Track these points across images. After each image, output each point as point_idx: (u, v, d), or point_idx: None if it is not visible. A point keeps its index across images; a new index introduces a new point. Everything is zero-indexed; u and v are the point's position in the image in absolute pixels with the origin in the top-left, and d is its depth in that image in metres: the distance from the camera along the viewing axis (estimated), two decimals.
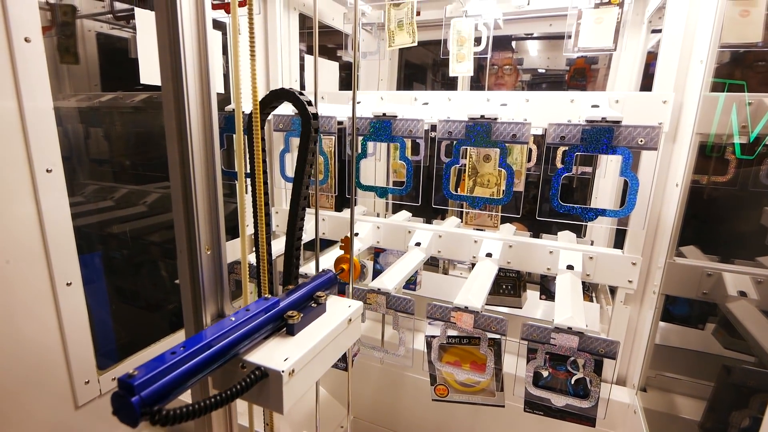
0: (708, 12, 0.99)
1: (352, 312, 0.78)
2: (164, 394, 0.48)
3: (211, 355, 0.55)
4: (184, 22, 0.61)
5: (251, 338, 0.62)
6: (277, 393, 0.59)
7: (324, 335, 0.69)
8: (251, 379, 0.57)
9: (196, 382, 0.54)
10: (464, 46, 1.53)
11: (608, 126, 0.77)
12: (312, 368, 0.67)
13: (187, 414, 0.49)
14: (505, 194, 0.88)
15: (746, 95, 1.03)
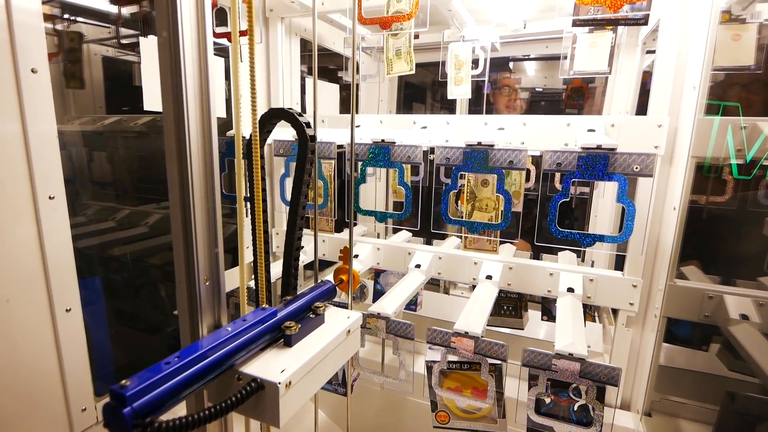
0: (699, 37, 1.01)
1: (351, 323, 0.76)
2: (157, 406, 0.47)
3: (206, 366, 0.54)
4: (186, 49, 0.62)
5: (248, 349, 0.61)
6: (274, 406, 0.58)
7: (322, 347, 0.68)
8: (247, 391, 0.56)
9: (191, 393, 0.52)
10: (462, 70, 1.56)
11: (603, 153, 0.77)
12: (310, 380, 0.65)
13: (180, 427, 0.48)
14: (503, 219, 0.88)
15: (741, 119, 1.04)
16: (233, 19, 0.72)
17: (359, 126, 1.35)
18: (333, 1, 1.38)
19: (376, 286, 1.93)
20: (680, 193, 0.99)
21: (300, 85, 1.71)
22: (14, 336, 0.92)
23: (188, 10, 0.61)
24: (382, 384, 1.16)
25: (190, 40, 0.63)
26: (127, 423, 0.44)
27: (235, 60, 0.75)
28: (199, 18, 0.63)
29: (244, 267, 0.75)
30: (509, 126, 1.18)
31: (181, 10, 0.60)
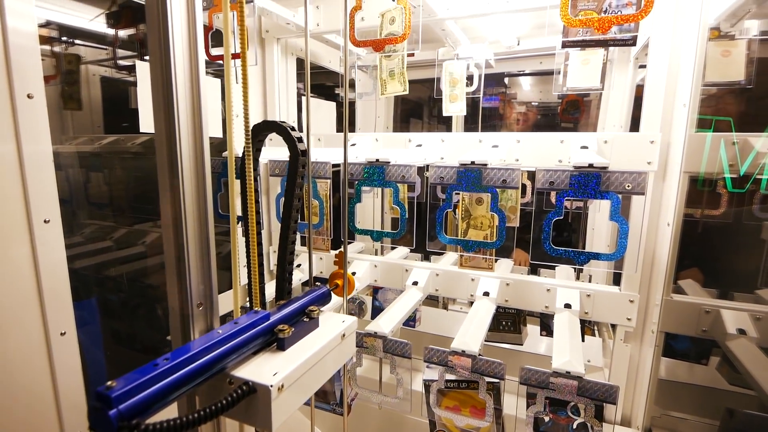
0: (689, 54, 1.02)
1: (345, 327, 0.75)
2: (144, 408, 0.46)
3: (196, 369, 0.53)
4: (177, 73, 0.63)
5: (239, 352, 0.60)
6: (266, 410, 0.56)
7: (316, 350, 0.67)
8: (238, 394, 0.54)
9: (180, 396, 0.51)
10: (456, 87, 1.58)
11: (596, 171, 0.78)
12: (303, 384, 0.64)
13: (168, 429, 0.46)
14: (498, 238, 0.88)
15: (733, 135, 1.05)
16: (225, 43, 0.73)
17: (355, 144, 1.36)
18: (328, 23, 1.40)
19: (374, 302, 1.92)
20: (674, 208, 1.00)
21: (296, 103, 1.73)
22: (8, 360, 0.91)
23: (180, 35, 0.62)
24: (380, 403, 1.15)
25: (182, 63, 0.64)
26: (112, 425, 0.42)
27: (228, 82, 0.76)
28: (191, 42, 0.64)
29: (238, 288, 0.75)
30: (503, 143, 1.19)
31: (172, 34, 0.61)
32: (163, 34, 0.61)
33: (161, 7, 0.59)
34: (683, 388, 1.48)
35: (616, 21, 0.75)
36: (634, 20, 0.74)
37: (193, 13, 0.63)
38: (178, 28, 0.61)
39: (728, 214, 1.43)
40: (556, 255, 0.86)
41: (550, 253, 0.85)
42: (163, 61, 0.62)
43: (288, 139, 0.77)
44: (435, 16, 1.25)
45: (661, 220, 1.07)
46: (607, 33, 0.76)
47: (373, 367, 1.47)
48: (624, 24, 0.75)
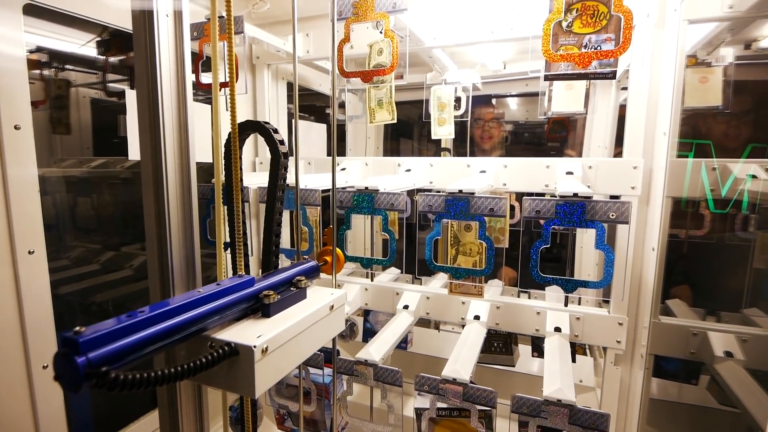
0: (667, 83, 1.05)
1: (334, 298, 0.73)
2: (114, 360, 0.42)
3: (174, 325, 0.49)
4: (165, 101, 0.63)
5: (221, 315, 0.57)
6: (248, 372, 0.53)
7: (304, 316, 0.64)
8: (219, 353, 0.51)
9: (155, 353, 0.48)
10: (445, 111, 1.60)
11: (580, 201, 0.80)
12: (289, 352, 0.61)
13: (140, 381, 0.42)
14: (486, 265, 0.89)
15: (714, 160, 1.08)
16: (214, 74, 0.73)
17: (345, 169, 1.37)
18: (318, 50, 1.43)
19: (365, 324, 1.91)
20: (658, 233, 1.02)
21: (287, 126, 1.74)
22: None
23: (167, 64, 0.62)
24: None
25: (169, 92, 0.63)
26: (79, 372, 0.39)
27: (215, 110, 0.77)
28: (179, 70, 0.64)
29: None
30: (490, 168, 1.21)
31: (159, 64, 0.61)
32: (151, 63, 0.61)
33: (149, 38, 0.59)
34: (674, 408, 1.48)
35: (596, 56, 0.77)
36: (612, 56, 0.76)
37: (181, 43, 0.64)
38: (165, 58, 0.62)
39: (712, 234, 1.46)
40: (544, 282, 0.87)
41: (538, 281, 0.86)
42: (150, 90, 0.62)
43: (270, 141, 0.77)
44: (422, 44, 1.27)
45: (646, 245, 1.08)
46: (587, 67, 0.78)
47: (364, 392, 1.45)
48: (604, 59, 0.77)
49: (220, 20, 0.74)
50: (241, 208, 0.81)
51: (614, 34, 0.79)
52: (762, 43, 1.43)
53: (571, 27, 0.81)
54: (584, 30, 0.80)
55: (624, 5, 0.75)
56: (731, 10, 0.98)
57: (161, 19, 0.54)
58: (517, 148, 2.88)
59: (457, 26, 1.24)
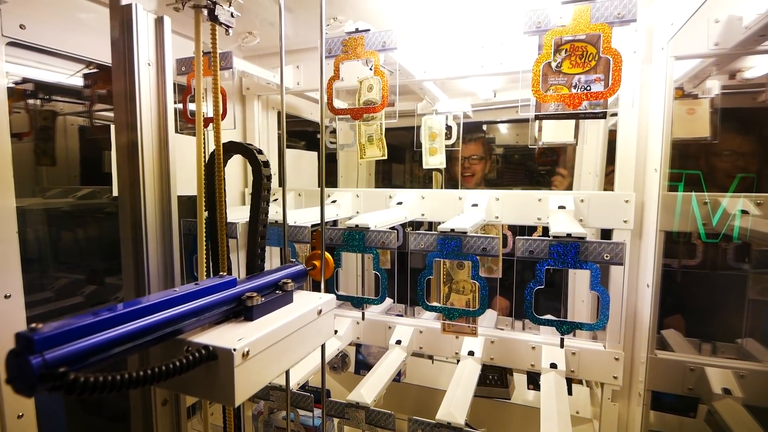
0: (657, 119, 1.06)
1: (323, 302, 0.69)
2: (74, 361, 0.38)
3: (144, 326, 0.45)
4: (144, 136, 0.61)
5: (199, 317, 0.52)
6: (227, 378, 0.49)
7: (289, 320, 0.60)
8: (195, 357, 0.47)
9: (122, 355, 0.44)
10: (436, 141, 1.60)
11: (574, 242, 0.78)
12: (272, 357, 0.57)
13: (103, 384, 0.37)
14: (480, 306, 0.87)
15: (705, 195, 1.08)
16: (198, 109, 0.71)
17: (335, 201, 1.36)
18: (308, 82, 1.42)
19: (357, 356, 1.87)
20: (652, 269, 1.01)
21: (278, 155, 1.73)
22: None
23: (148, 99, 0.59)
24: None
25: (149, 128, 0.61)
26: (33, 374, 0.34)
27: (199, 146, 0.75)
28: (160, 106, 0.62)
29: None
30: (482, 201, 1.20)
31: (139, 98, 0.58)
32: (131, 112, 0.59)
33: (129, 88, 0.57)
34: None
35: (586, 97, 0.77)
36: (602, 97, 0.76)
37: (164, 94, 0.62)
38: (146, 108, 0.60)
39: (705, 263, 1.45)
40: (539, 323, 0.85)
41: (534, 322, 0.84)
42: (130, 137, 0.61)
43: (253, 161, 0.75)
44: (412, 77, 1.28)
45: (640, 280, 1.07)
46: (578, 108, 0.78)
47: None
48: (594, 100, 0.77)
49: (208, 56, 0.73)
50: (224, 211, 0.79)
51: (603, 74, 0.79)
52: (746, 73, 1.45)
53: (561, 67, 0.81)
54: (573, 70, 0.80)
55: (612, 48, 0.75)
56: (717, 47, 0.99)
57: (142, 68, 0.53)
58: (507, 170, 2.88)
59: (447, 60, 1.25)
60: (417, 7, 1.16)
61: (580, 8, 0.77)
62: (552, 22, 0.79)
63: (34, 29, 0.92)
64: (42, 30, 0.94)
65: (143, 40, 0.52)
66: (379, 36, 0.91)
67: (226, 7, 0.60)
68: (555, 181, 2.26)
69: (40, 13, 0.93)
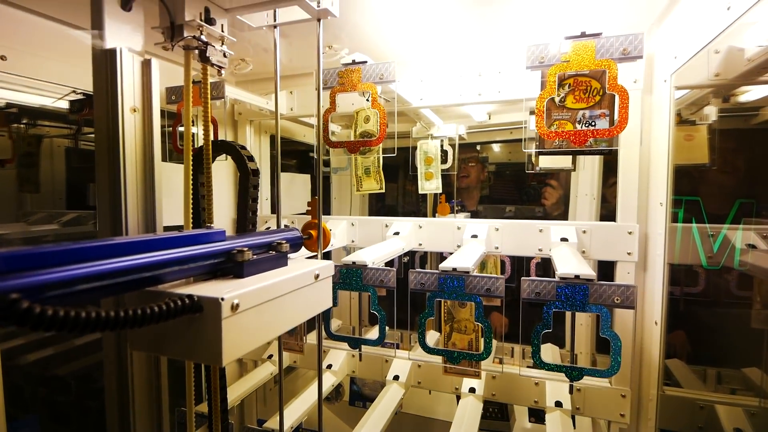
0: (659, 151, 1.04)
1: (320, 267, 0.64)
2: (30, 291, 0.33)
3: (117, 268, 0.39)
4: (128, 191, 0.56)
5: (181, 266, 0.47)
6: (214, 332, 0.43)
7: (284, 278, 0.54)
8: (177, 305, 0.41)
9: (90, 296, 0.38)
10: (432, 165, 1.58)
11: (582, 284, 0.75)
12: (265, 316, 0.51)
13: (63, 319, 0.32)
14: (485, 350, 0.83)
15: (707, 226, 1.06)
16: (186, 140, 0.67)
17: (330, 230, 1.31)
18: (302, 107, 1.39)
19: (352, 386, 1.81)
20: (660, 306, 0.97)
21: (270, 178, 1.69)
22: None
23: (131, 160, 0.55)
24: None
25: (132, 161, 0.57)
26: None
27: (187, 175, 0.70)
28: (146, 166, 0.58)
29: None
30: (482, 232, 1.16)
31: (124, 162, 0.54)
32: (113, 159, 0.55)
33: (112, 136, 0.53)
34: None
35: (592, 135, 0.74)
36: (610, 135, 0.74)
37: (150, 140, 0.58)
38: (130, 154, 0.56)
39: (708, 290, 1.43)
40: (548, 369, 0.81)
41: (541, 367, 0.80)
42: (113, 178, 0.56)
43: (238, 157, 0.71)
44: (409, 105, 1.25)
45: (646, 315, 1.04)
46: (583, 146, 0.75)
47: None
48: (600, 137, 0.74)
49: (198, 84, 0.69)
50: None
51: (608, 109, 0.77)
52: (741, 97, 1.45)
53: (564, 102, 0.79)
54: (577, 105, 0.78)
55: (619, 84, 0.73)
56: (717, 78, 0.98)
57: (126, 116, 0.49)
58: (499, 182, 2.86)
59: (444, 87, 1.23)
60: (413, 35, 1.14)
61: (584, 44, 0.75)
62: (555, 57, 0.77)
63: (15, 60, 0.88)
64: (24, 61, 0.90)
65: (128, 85, 0.49)
66: (377, 68, 0.88)
67: (218, 46, 0.57)
68: (545, 193, 2.23)
69: (23, 44, 0.89)
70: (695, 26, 0.82)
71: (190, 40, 0.53)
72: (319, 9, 0.62)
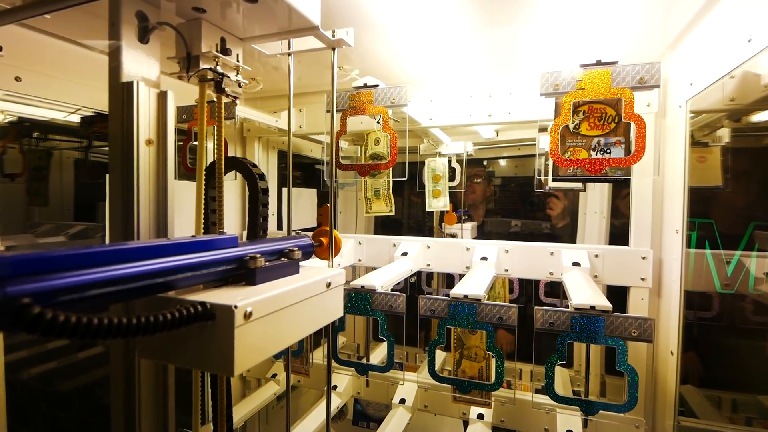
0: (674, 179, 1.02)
1: (332, 275, 0.63)
2: (41, 296, 0.32)
3: (129, 273, 0.38)
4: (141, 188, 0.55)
5: (193, 272, 0.46)
6: (226, 341, 0.42)
7: (296, 286, 0.53)
8: (189, 312, 0.40)
9: (101, 301, 0.37)
10: (440, 183, 1.57)
11: (598, 315, 0.73)
12: (277, 325, 0.50)
13: (75, 326, 0.31)
14: (496, 380, 0.81)
15: (722, 252, 1.04)
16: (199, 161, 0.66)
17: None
18: (311, 125, 1.39)
19: (356, 407, 1.78)
20: (676, 335, 0.95)
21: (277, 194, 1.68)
22: None
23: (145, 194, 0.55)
24: None
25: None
26: None
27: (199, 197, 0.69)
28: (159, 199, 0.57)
29: None
30: (491, 254, 1.15)
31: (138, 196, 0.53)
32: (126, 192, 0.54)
33: (126, 168, 0.52)
34: None
35: (608, 164, 0.73)
36: (627, 164, 0.72)
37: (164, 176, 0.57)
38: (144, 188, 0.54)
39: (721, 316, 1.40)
40: (563, 403, 0.79)
41: (556, 401, 0.78)
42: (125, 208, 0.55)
43: (249, 176, 0.70)
44: (418, 125, 1.25)
45: (661, 344, 1.01)
46: (599, 174, 0.74)
47: None
48: (615, 166, 0.73)
49: (210, 104, 0.69)
50: None
51: (623, 137, 0.75)
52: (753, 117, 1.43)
53: (579, 129, 0.78)
54: (592, 132, 0.77)
55: (636, 113, 0.72)
56: (733, 102, 0.97)
57: (141, 148, 0.48)
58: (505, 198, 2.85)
59: (453, 108, 1.22)
60: (423, 56, 1.14)
61: (599, 72, 0.74)
62: (570, 84, 0.76)
63: (30, 81, 0.89)
64: (38, 81, 0.90)
65: (144, 118, 0.48)
66: (389, 92, 0.87)
67: (233, 76, 0.57)
68: (551, 204, 2.22)
69: (37, 64, 0.90)
70: (712, 54, 0.81)
71: (205, 72, 0.53)
72: (334, 39, 0.61)
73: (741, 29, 0.70)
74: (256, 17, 0.56)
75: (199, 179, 0.66)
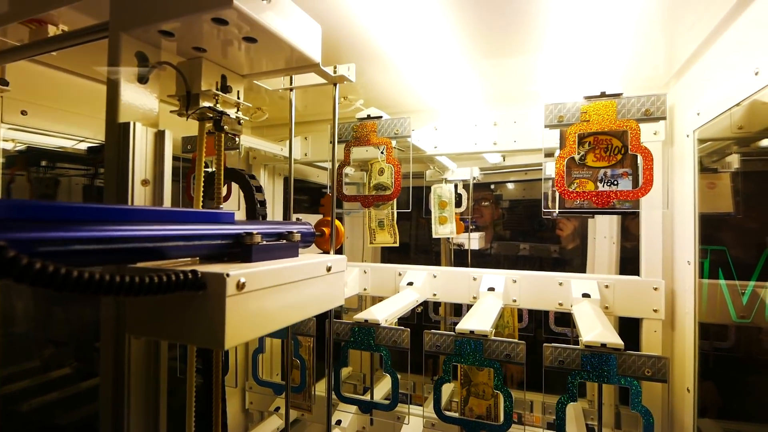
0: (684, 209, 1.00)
1: (332, 259, 0.60)
2: (19, 243, 0.31)
3: (121, 233, 0.37)
4: None
5: (187, 242, 0.44)
6: (217, 311, 0.40)
7: (293, 264, 0.51)
8: (178, 278, 0.38)
9: (85, 260, 0.36)
10: (446, 209, 1.55)
11: (610, 353, 0.70)
12: (273, 302, 0.47)
13: (53, 274, 0.29)
14: (505, 420, 0.78)
15: (737, 283, 1.01)
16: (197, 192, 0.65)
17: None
18: (316, 153, 1.40)
19: None
20: (692, 371, 0.91)
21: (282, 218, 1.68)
22: None
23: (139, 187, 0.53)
24: None
25: None
26: None
27: None
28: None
29: None
30: (499, 284, 1.12)
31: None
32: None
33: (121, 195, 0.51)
34: None
35: (615, 197, 0.71)
36: (635, 197, 0.71)
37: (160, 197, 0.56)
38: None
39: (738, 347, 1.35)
40: None
41: None
42: None
43: (246, 188, 0.68)
44: (423, 153, 1.24)
45: (676, 379, 0.97)
46: (607, 206, 0.72)
47: None
48: (623, 199, 0.71)
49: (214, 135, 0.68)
50: None
51: (631, 168, 0.74)
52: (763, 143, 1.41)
53: (585, 160, 0.76)
54: (598, 164, 0.76)
55: (642, 145, 0.70)
56: (741, 130, 0.95)
57: (137, 188, 0.48)
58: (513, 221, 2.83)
59: (458, 135, 1.22)
60: (428, 86, 1.14)
61: (604, 103, 0.73)
62: (574, 116, 0.76)
63: (35, 114, 0.90)
64: (43, 114, 0.91)
65: (140, 158, 0.48)
66: (392, 123, 0.87)
67: (232, 113, 0.56)
68: (560, 224, 2.19)
69: (42, 98, 0.91)
70: (718, 83, 0.80)
71: (204, 111, 0.53)
72: (335, 75, 0.61)
73: (747, 60, 0.69)
74: (258, 55, 0.57)
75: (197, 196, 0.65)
